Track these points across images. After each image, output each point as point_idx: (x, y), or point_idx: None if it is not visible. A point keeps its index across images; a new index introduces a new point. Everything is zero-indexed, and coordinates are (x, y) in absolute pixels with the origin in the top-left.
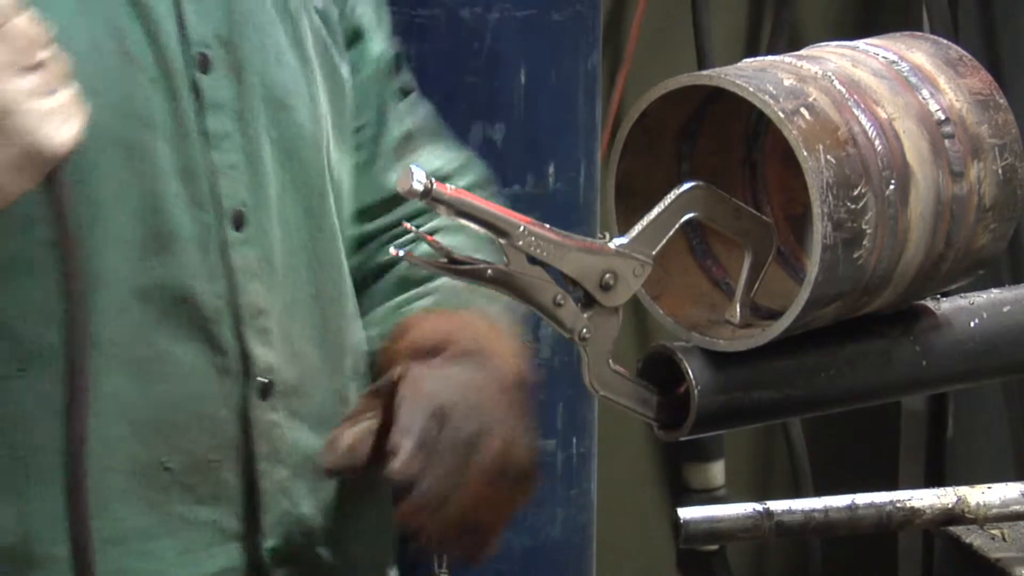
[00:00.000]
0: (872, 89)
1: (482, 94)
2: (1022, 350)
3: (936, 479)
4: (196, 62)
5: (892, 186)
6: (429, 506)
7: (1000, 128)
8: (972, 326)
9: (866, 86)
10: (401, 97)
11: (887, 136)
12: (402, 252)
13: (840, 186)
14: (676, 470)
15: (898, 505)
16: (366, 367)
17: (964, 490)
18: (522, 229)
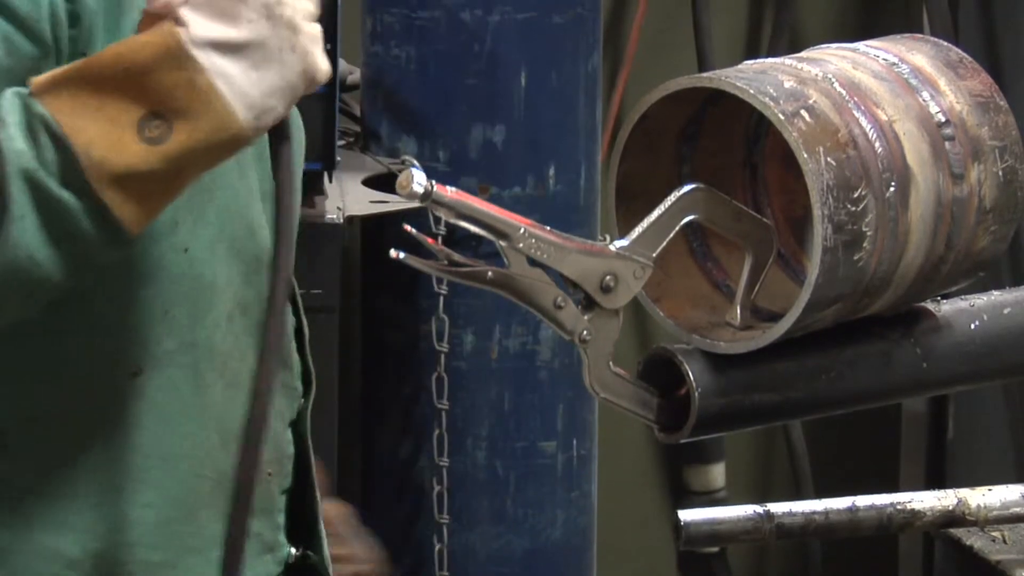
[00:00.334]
0: (872, 91)
1: (482, 96)
2: (1022, 352)
3: (937, 481)
4: None
5: (892, 188)
6: None
7: (1001, 130)
8: (973, 328)
9: (866, 88)
10: None
11: (887, 138)
12: (402, 255)
13: (840, 188)
14: (677, 472)
15: (899, 507)
16: None
17: (965, 492)
18: (522, 231)
